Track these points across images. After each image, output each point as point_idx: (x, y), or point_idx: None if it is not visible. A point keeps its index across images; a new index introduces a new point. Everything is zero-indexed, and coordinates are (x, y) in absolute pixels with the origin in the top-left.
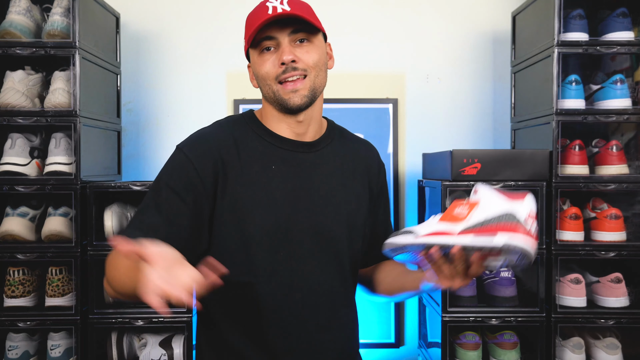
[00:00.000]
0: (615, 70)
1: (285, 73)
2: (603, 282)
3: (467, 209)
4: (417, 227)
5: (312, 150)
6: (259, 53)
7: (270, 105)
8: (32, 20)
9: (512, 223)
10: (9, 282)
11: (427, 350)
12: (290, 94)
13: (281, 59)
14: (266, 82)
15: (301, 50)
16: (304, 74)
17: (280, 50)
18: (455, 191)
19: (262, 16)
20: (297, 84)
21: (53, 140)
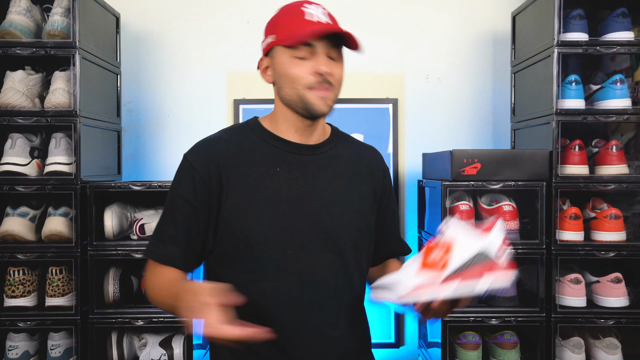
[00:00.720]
0: (615, 70)
1: (319, 84)
2: (603, 282)
3: (442, 253)
4: (397, 278)
5: (316, 152)
6: (292, 55)
7: (285, 106)
8: (32, 20)
9: (489, 262)
10: (9, 282)
11: (427, 350)
12: (319, 100)
13: (318, 70)
14: (294, 84)
15: (333, 65)
16: (331, 88)
17: (316, 60)
18: (455, 191)
19: (306, 22)
20: (326, 92)
21: (53, 140)
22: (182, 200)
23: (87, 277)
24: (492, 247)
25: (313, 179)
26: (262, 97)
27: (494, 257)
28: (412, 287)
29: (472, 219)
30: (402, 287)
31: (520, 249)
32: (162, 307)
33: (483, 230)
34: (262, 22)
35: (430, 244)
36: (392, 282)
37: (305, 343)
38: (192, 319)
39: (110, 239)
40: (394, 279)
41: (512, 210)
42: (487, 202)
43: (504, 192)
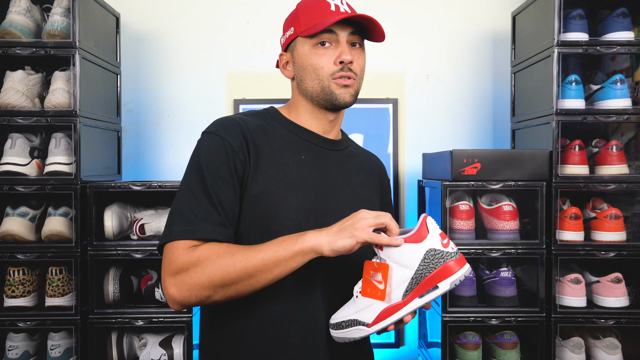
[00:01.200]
0: (615, 70)
1: (342, 71)
2: (603, 282)
3: (380, 276)
4: (355, 308)
5: (336, 148)
6: (314, 45)
7: (305, 99)
8: (32, 20)
9: (440, 263)
10: (9, 282)
11: (427, 350)
12: (342, 89)
13: (341, 58)
14: (318, 75)
15: (355, 53)
16: (354, 77)
17: (339, 49)
18: (455, 191)
19: (326, 11)
20: (349, 82)
21: (53, 140)
22: (214, 177)
23: (87, 277)
24: (434, 243)
25: (335, 173)
26: (262, 97)
27: (442, 254)
28: (376, 315)
29: (472, 219)
30: (365, 315)
31: (520, 249)
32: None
33: (417, 233)
34: (262, 22)
35: (368, 265)
36: (352, 316)
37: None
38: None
39: (110, 239)
40: (353, 311)
41: (512, 210)
42: (487, 202)
43: (504, 192)
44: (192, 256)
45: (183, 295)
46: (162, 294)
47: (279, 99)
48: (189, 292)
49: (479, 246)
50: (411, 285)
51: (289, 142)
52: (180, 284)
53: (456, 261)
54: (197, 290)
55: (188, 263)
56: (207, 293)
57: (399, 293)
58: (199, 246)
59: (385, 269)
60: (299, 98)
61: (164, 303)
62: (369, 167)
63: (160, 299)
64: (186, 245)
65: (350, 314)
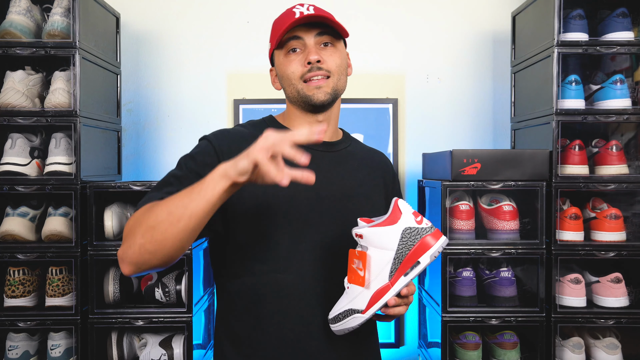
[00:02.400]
0: (615, 70)
1: (310, 72)
2: (603, 282)
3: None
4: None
5: (331, 150)
6: (285, 54)
7: (293, 105)
8: (32, 20)
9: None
10: (9, 282)
11: (427, 350)
12: (315, 90)
13: (307, 59)
14: (291, 81)
15: (325, 53)
16: (328, 75)
17: (306, 51)
18: (455, 191)
19: (289, 19)
20: (321, 82)
21: (53, 140)
22: (189, 169)
23: (87, 277)
24: (408, 221)
25: (329, 175)
26: (262, 97)
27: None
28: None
29: (472, 219)
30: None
31: (520, 249)
32: (161, 221)
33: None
34: (262, 22)
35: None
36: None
37: (315, 336)
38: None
39: (110, 239)
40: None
41: (512, 210)
42: (487, 202)
43: (504, 192)
44: (130, 218)
45: (121, 250)
46: (161, 294)
47: (279, 99)
48: (123, 245)
49: (479, 246)
50: (395, 266)
51: None
52: (123, 243)
53: (432, 235)
54: (127, 239)
55: (127, 224)
56: (136, 239)
57: (385, 275)
58: None
59: (364, 256)
60: (290, 106)
61: (165, 303)
62: (372, 165)
63: (160, 299)
64: None
65: (344, 305)
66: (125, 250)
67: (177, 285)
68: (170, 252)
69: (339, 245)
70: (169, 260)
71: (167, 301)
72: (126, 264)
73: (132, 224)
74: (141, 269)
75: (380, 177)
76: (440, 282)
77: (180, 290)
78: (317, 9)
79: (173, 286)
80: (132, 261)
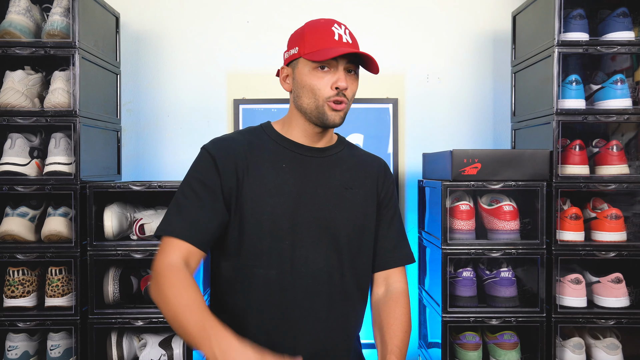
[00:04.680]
0: (616, 70)
1: (337, 96)
2: (603, 282)
3: None
4: None
5: (321, 155)
6: (314, 67)
7: (299, 113)
8: (32, 20)
9: None
10: (9, 282)
11: (427, 351)
12: (334, 112)
13: (337, 84)
14: (315, 96)
15: (349, 80)
16: (345, 101)
17: (337, 75)
18: (456, 191)
19: (331, 40)
20: (341, 107)
21: (53, 140)
22: (199, 182)
23: (86, 277)
24: None
25: (316, 177)
26: (262, 97)
27: None
28: None
29: (473, 219)
30: None
31: (521, 249)
32: (168, 313)
33: None
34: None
35: None
36: None
37: (293, 332)
38: None
39: (110, 239)
40: None
41: (512, 210)
42: (488, 202)
43: (505, 192)
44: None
45: (152, 285)
46: None
47: (279, 99)
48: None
49: (479, 246)
50: None
51: (272, 153)
52: (151, 282)
53: None
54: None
55: (158, 273)
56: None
57: None
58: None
59: None
60: (294, 111)
61: None
62: (365, 170)
63: None
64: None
65: None
66: (152, 288)
67: None
68: None
69: (316, 248)
70: None
71: None
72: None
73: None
74: None
75: (374, 182)
76: (441, 282)
77: None
78: (352, 35)
79: None
80: (152, 298)
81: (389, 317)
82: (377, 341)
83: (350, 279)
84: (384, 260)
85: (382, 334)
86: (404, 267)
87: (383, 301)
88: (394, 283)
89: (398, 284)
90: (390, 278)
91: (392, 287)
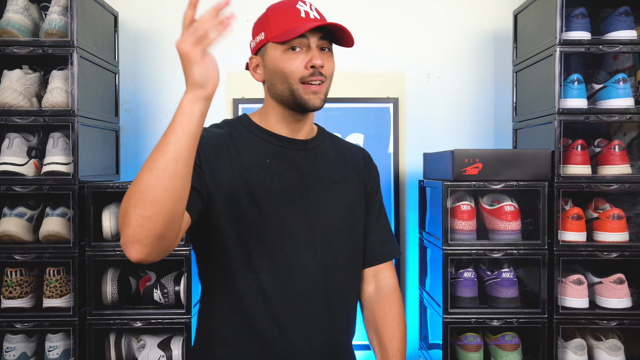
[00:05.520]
0: (618, 69)
1: (312, 76)
2: (605, 283)
3: None
4: None
5: (304, 147)
6: (285, 50)
7: (276, 102)
8: (30, 19)
9: None
10: (7, 283)
11: (428, 352)
12: (312, 95)
13: (312, 62)
14: (287, 80)
15: (325, 57)
16: (324, 80)
17: (310, 54)
18: (457, 191)
19: (297, 17)
20: (318, 87)
21: (51, 140)
22: None
23: (85, 278)
24: None
25: (301, 173)
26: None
27: None
28: None
29: (474, 219)
30: None
31: (522, 249)
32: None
33: None
34: None
35: None
36: None
37: (289, 339)
38: None
39: (108, 239)
40: None
41: (513, 210)
42: (489, 203)
43: (506, 192)
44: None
45: (122, 237)
46: (160, 295)
47: None
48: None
49: (480, 247)
50: None
51: (254, 146)
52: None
53: None
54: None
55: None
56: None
57: None
58: None
59: None
60: (270, 101)
61: (163, 304)
62: (348, 162)
63: (159, 300)
64: None
65: None
66: (125, 232)
67: (175, 286)
68: (169, 207)
69: (307, 248)
70: (173, 219)
71: (165, 302)
72: (131, 246)
73: (123, 204)
74: (148, 246)
75: (357, 173)
76: (442, 283)
77: (179, 291)
78: (319, 12)
79: (172, 287)
80: (135, 239)
81: (386, 318)
82: (373, 344)
83: (346, 279)
84: (373, 256)
85: (380, 337)
86: (392, 262)
87: (375, 300)
88: (384, 279)
89: (388, 280)
90: (380, 274)
91: (382, 284)
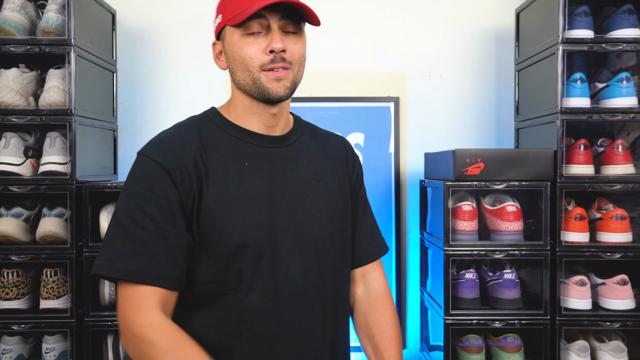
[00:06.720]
0: (621, 68)
1: (272, 62)
2: (608, 284)
3: None
4: None
5: (283, 144)
6: (242, 34)
7: (243, 94)
8: (27, 17)
9: None
10: (3, 284)
11: (430, 354)
12: (274, 82)
13: (271, 47)
14: (247, 68)
15: (289, 41)
16: (288, 67)
17: (270, 37)
18: (458, 191)
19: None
20: (282, 74)
21: (48, 139)
22: (152, 204)
23: (82, 279)
24: None
25: (283, 174)
26: None
27: None
28: None
29: (475, 220)
30: None
31: (524, 250)
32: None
33: None
34: None
35: None
36: None
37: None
38: None
39: None
40: None
41: (516, 210)
42: (491, 203)
43: (508, 192)
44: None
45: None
46: None
47: None
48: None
49: (482, 247)
50: None
51: (230, 149)
52: (128, 344)
53: None
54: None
55: (140, 339)
56: None
57: None
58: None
59: None
60: (236, 92)
61: None
62: (330, 153)
63: None
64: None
65: None
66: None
67: None
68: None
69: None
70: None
71: None
72: None
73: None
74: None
75: (341, 166)
76: (443, 284)
77: None
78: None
79: None
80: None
81: (380, 324)
82: (368, 351)
83: (339, 287)
84: (361, 256)
85: (376, 345)
86: (380, 260)
87: (366, 303)
88: (373, 280)
89: (378, 281)
90: (369, 275)
91: (372, 285)
